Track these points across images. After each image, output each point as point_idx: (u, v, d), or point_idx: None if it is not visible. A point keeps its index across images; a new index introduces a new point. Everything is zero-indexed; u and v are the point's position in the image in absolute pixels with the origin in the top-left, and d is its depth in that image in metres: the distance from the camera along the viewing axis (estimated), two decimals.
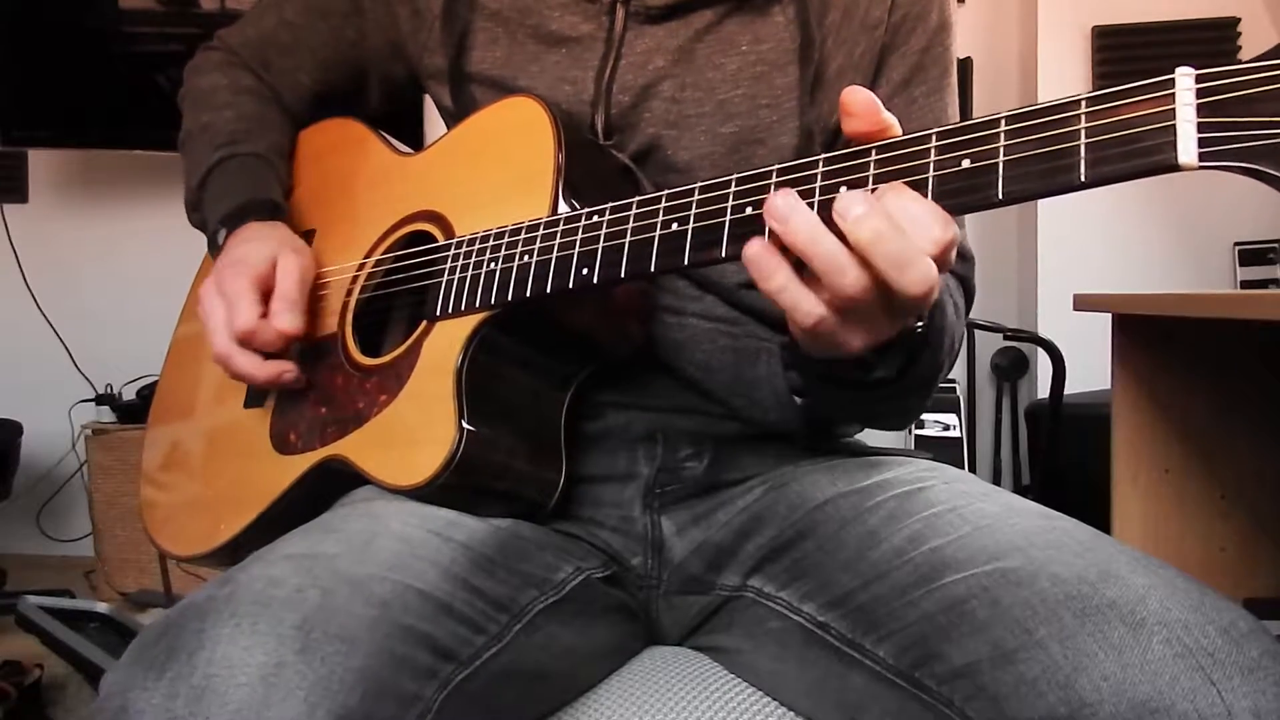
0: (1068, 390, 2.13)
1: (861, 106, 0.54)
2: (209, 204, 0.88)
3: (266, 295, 0.78)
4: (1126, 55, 2.56)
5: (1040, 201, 2.61)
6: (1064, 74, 2.60)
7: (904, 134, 0.54)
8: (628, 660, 0.76)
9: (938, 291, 0.53)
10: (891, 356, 0.64)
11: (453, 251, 0.74)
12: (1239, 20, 2.50)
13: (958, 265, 0.78)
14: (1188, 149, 0.45)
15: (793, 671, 0.69)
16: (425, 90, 0.91)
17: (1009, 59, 2.76)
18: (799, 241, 0.53)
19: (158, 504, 0.95)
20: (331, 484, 0.76)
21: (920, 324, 0.63)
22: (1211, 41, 2.53)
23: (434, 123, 0.87)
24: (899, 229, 0.51)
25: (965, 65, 2.69)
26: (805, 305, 0.54)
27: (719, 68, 0.76)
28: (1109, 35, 2.57)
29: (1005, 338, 2.56)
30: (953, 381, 2.61)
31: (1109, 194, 2.56)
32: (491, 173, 0.76)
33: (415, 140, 0.85)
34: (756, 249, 0.54)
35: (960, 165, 0.51)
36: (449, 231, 0.76)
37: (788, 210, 0.53)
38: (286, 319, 0.77)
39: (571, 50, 0.79)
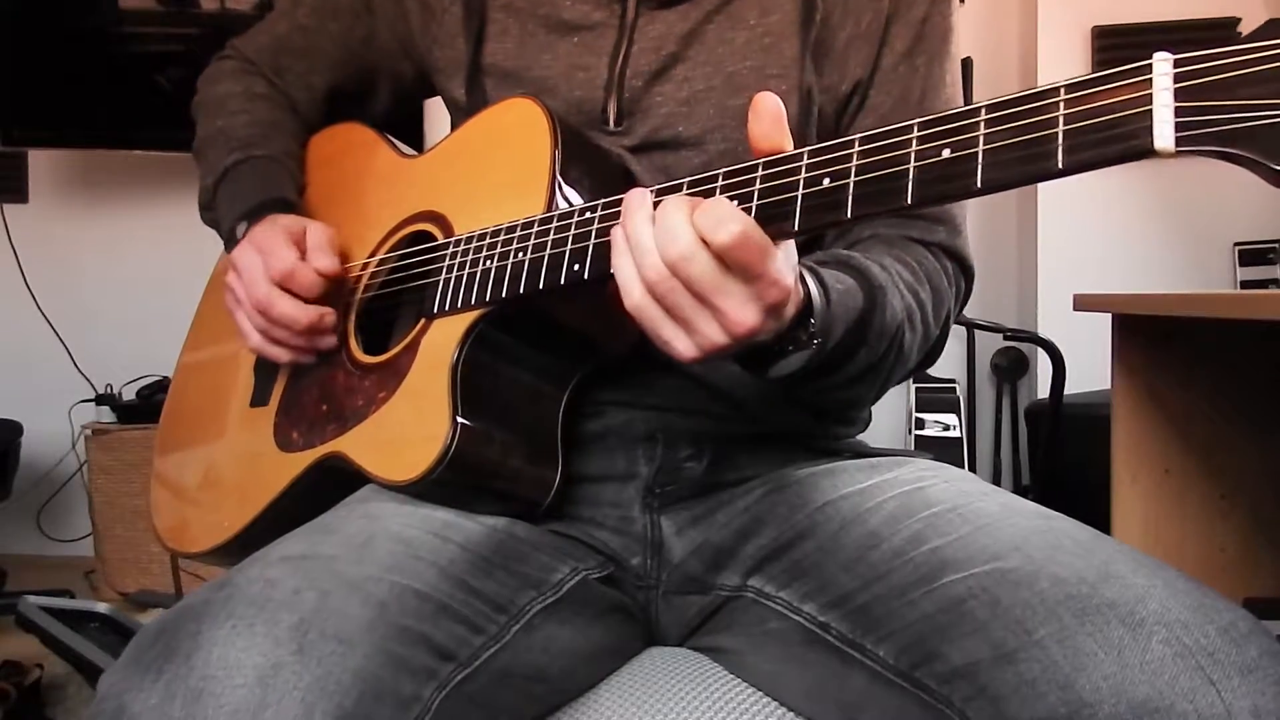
0: (1068, 390, 2.12)
1: (770, 115, 0.56)
2: (224, 204, 0.89)
3: (300, 252, 0.80)
4: (1127, 55, 2.48)
5: (1040, 201, 2.62)
6: (1064, 74, 2.57)
7: (887, 125, 0.53)
8: (627, 660, 0.76)
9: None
10: (784, 356, 0.62)
11: (450, 250, 0.74)
12: (1239, 20, 2.50)
13: (950, 262, 0.79)
14: (1164, 134, 0.45)
15: (793, 672, 0.69)
16: (434, 86, 0.91)
17: (1009, 59, 2.76)
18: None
19: (165, 503, 0.96)
20: (332, 481, 0.77)
21: (813, 337, 0.61)
22: (1212, 42, 2.53)
23: (433, 126, 0.88)
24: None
25: (965, 65, 2.69)
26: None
27: (728, 43, 0.78)
28: (1109, 35, 2.57)
29: (1005, 338, 2.56)
30: (953, 381, 2.61)
31: (1110, 194, 2.56)
32: (490, 173, 0.76)
33: (415, 145, 0.86)
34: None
35: (940, 155, 0.51)
36: (448, 231, 0.77)
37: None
38: (324, 260, 0.80)
39: (584, 38, 0.80)
